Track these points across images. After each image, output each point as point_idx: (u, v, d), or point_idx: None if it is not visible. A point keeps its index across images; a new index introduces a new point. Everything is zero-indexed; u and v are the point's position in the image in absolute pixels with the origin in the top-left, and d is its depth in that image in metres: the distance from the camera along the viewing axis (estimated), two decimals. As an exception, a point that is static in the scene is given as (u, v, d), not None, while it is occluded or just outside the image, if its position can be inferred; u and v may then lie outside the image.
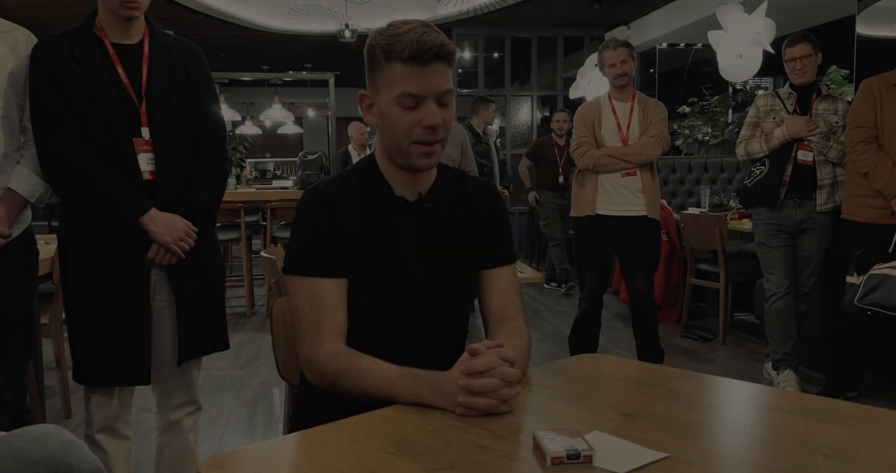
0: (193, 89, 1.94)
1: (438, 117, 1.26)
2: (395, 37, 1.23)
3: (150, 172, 1.87)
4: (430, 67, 1.23)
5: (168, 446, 2.04)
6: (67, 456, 1.03)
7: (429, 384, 1.12)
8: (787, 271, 3.47)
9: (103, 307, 1.85)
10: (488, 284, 1.42)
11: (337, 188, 1.33)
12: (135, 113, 1.85)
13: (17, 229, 1.89)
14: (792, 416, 1.10)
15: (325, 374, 1.24)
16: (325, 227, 1.30)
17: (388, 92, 1.26)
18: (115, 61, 1.85)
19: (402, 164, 1.32)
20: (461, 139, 3.64)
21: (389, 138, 1.30)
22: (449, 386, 1.10)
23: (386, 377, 1.16)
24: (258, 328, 5.08)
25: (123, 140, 1.83)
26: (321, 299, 1.26)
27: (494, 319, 1.40)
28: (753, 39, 4.67)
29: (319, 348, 1.24)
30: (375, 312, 1.33)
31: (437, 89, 1.25)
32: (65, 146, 1.79)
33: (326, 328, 1.25)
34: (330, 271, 1.28)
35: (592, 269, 3.52)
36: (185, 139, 1.92)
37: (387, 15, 7.59)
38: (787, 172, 3.40)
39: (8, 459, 0.99)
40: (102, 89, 1.81)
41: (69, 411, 3.22)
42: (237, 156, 8.19)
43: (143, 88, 1.87)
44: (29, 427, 1.06)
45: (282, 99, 11.88)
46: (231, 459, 1.00)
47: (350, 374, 1.20)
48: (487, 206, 1.43)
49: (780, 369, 3.47)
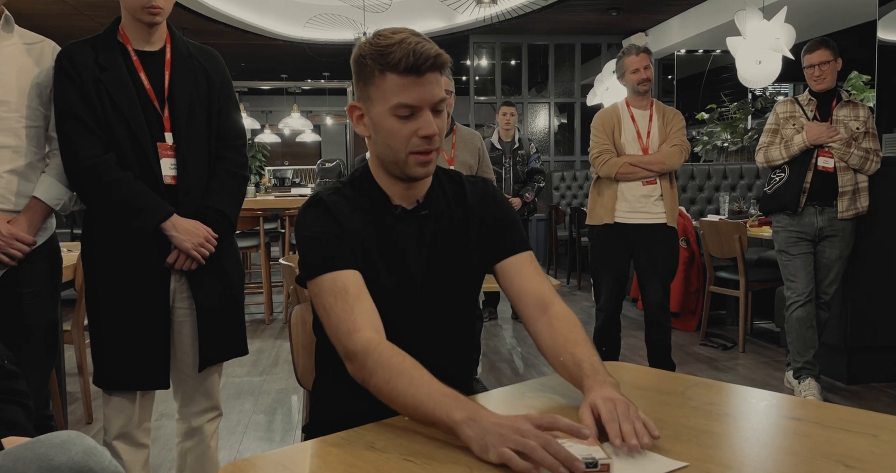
0: (214, 96, 1.96)
1: (435, 127, 1.25)
2: (388, 48, 1.22)
3: (172, 177, 1.89)
4: (425, 77, 1.23)
5: (190, 452, 2.05)
6: (89, 463, 1.04)
7: (466, 409, 1.01)
8: (807, 279, 3.44)
9: (124, 310, 1.87)
10: (510, 273, 1.38)
11: (336, 199, 1.32)
12: (157, 118, 1.88)
13: (42, 237, 1.92)
14: (813, 425, 1.09)
15: (365, 365, 1.15)
16: (331, 228, 1.28)
17: (383, 103, 1.25)
18: (139, 67, 1.88)
19: (399, 174, 1.31)
20: (478, 146, 3.64)
21: (385, 149, 1.29)
22: (487, 423, 0.98)
23: (425, 385, 1.08)
24: (277, 334, 5.11)
25: (146, 145, 1.85)
26: (345, 288, 1.23)
27: (534, 307, 1.34)
28: (772, 45, 4.64)
29: (355, 334, 1.18)
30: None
31: (433, 99, 1.25)
32: (89, 151, 1.82)
33: (357, 314, 1.20)
34: (344, 263, 1.25)
35: (610, 278, 3.50)
36: (206, 145, 1.94)
37: (405, 23, 7.61)
38: (808, 179, 3.37)
39: (31, 465, 1.01)
40: (126, 95, 1.84)
41: (90, 416, 3.25)
42: (256, 164, 8.27)
43: (166, 94, 1.89)
44: (52, 434, 1.07)
45: (300, 107, 11.99)
46: (250, 465, 1.00)
47: (390, 371, 1.12)
48: (484, 202, 1.43)
49: (802, 378, 3.43)
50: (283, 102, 14.11)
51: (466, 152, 3.56)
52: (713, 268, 4.70)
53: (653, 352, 3.52)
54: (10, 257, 1.81)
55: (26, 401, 1.37)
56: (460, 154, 3.53)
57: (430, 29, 8.00)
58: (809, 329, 3.43)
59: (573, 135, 9.31)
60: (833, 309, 3.60)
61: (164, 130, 1.88)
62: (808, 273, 3.44)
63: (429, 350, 1.27)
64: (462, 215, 1.40)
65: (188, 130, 1.90)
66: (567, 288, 7.06)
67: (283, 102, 14.14)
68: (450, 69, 3.71)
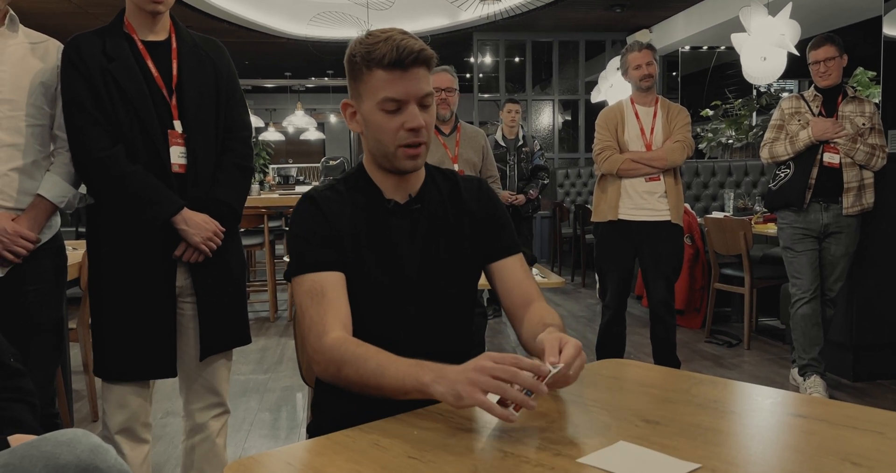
0: (222, 86, 1.97)
1: (421, 119, 1.29)
2: (375, 45, 1.28)
3: (181, 166, 1.89)
4: (410, 71, 1.28)
5: (196, 448, 2.05)
6: (95, 460, 1.04)
7: (432, 370, 1.09)
8: (812, 276, 3.43)
9: (130, 301, 1.88)
10: (499, 276, 1.45)
11: (328, 195, 1.37)
12: (165, 106, 1.88)
13: (47, 235, 1.93)
14: (819, 423, 1.09)
15: (331, 363, 1.22)
16: (318, 228, 1.33)
17: (371, 98, 1.30)
18: (146, 56, 1.88)
19: (389, 167, 1.35)
20: (482, 144, 3.64)
21: (375, 144, 1.34)
22: (453, 374, 1.06)
23: (390, 362, 1.14)
24: (281, 332, 5.12)
25: (155, 133, 1.85)
26: (322, 291, 1.28)
27: (519, 307, 1.42)
28: (777, 42, 4.62)
29: (324, 337, 1.24)
30: (373, 314, 1.34)
31: (419, 93, 1.29)
32: (98, 144, 1.82)
33: (329, 318, 1.26)
34: (327, 265, 1.30)
35: (615, 275, 3.50)
36: (213, 134, 1.95)
37: (409, 20, 7.63)
38: (813, 175, 3.36)
39: (38, 463, 1.01)
40: (134, 84, 1.84)
41: (96, 414, 3.26)
42: (260, 162, 8.27)
43: (174, 82, 1.90)
44: (58, 432, 1.07)
45: (304, 105, 11.98)
46: (255, 463, 1.01)
47: (357, 360, 1.18)
48: (478, 201, 1.45)
49: (807, 375, 3.42)
50: (287, 100, 14.12)
51: (470, 150, 3.56)
52: (718, 265, 4.70)
53: (658, 349, 3.52)
54: (14, 254, 1.82)
55: (32, 399, 1.38)
56: (464, 152, 3.53)
57: (434, 26, 7.99)
58: (815, 326, 3.42)
59: (577, 132, 9.29)
60: (839, 306, 3.59)
61: (172, 118, 1.88)
62: (813, 270, 3.43)
63: (425, 345, 1.28)
64: (456, 211, 1.42)
65: (197, 119, 1.90)
66: (571, 286, 7.05)
67: (287, 100, 14.15)
68: (453, 67, 3.71)
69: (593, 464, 0.93)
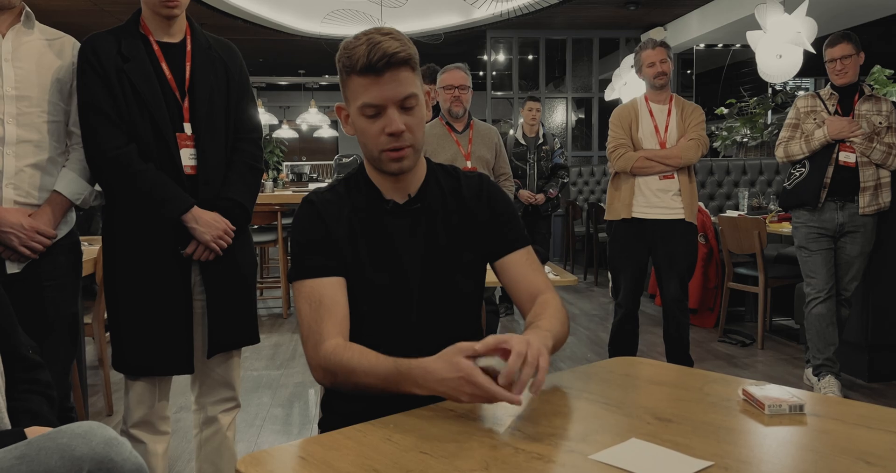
0: (233, 88, 1.99)
1: (400, 124, 1.28)
2: (352, 50, 1.28)
3: (192, 167, 1.91)
4: (384, 75, 1.26)
5: (207, 442, 2.07)
6: (110, 453, 1.05)
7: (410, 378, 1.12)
8: (827, 275, 3.40)
9: (147, 299, 1.89)
10: (505, 271, 1.43)
11: (328, 197, 1.38)
12: (177, 109, 1.90)
13: (62, 231, 1.94)
14: (833, 422, 1.08)
15: (327, 373, 1.25)
16: (318, 233, 1.34)
17: (353, 104, 1.31)
18: (161, 58, 1.90)
19: (381, 169, 1.36)
20: (495, 141, 3.64)
21: (363, 147, 1.35)
22: (432, 383, 1.10)
23: (376, 372, 1.18)
24: (294, 328, 5.14)
25: (167, 135, 1.87)
26: (320, 298, 1.29)
27: (526, 301, 1.41)
28: (793, 39, 4.58)
29: (319, 347, 1.26)
30: (376, 316, 1.35)
31: (396, 96, 1.28)
32: (112, 143, 1.84)
33: (325, 326, 1.27)
34: (325, 270, 1.31)
35: (628, 273, 3.49)
36: (224, 136, 1.96)
37: (422, 19, 7.63)
38: (828, 174, 3.33)
39: (53, 455, 1.02)
40: (149, 85, 1.86)
41: (111, 408, 3.29)
42: (274, 159, 8.29)
43: (187, 85, 1.91)
44: (73, 424, 1.09)
45: (318, 103, 12.00)
46: (269, 456, 1.01)
47: (347, 374, 1.22)
48: (479, 196, 1.44)
49: (822, 375, 3.40)
50: (301, 98, 14.16)
51: (483, 147, 3.55)
52: (732, 264, 4.67)
53: (671, 348, 3.51)
54: (31, 250, 1.83)
55: (50, 392, 1.39)
56: (477, 149, 3.53)
57: (447, 24, 7.98)
58: (829, 326, 3.40)
59: (590, 130, 9.27)
60: (854, 306, 3.56)
61: (183, 121, 1.90)
62: (828, 270, 3.41)
63: (430, 346, 1.27)
64: (457, 209, 1.41)
65: (207, 121, 1.92)
66: (584, 284, 7.04)
67: (301, 97, 14.19)
68: (467, 65, 3.71)
69: (605, 461, 0.93)
